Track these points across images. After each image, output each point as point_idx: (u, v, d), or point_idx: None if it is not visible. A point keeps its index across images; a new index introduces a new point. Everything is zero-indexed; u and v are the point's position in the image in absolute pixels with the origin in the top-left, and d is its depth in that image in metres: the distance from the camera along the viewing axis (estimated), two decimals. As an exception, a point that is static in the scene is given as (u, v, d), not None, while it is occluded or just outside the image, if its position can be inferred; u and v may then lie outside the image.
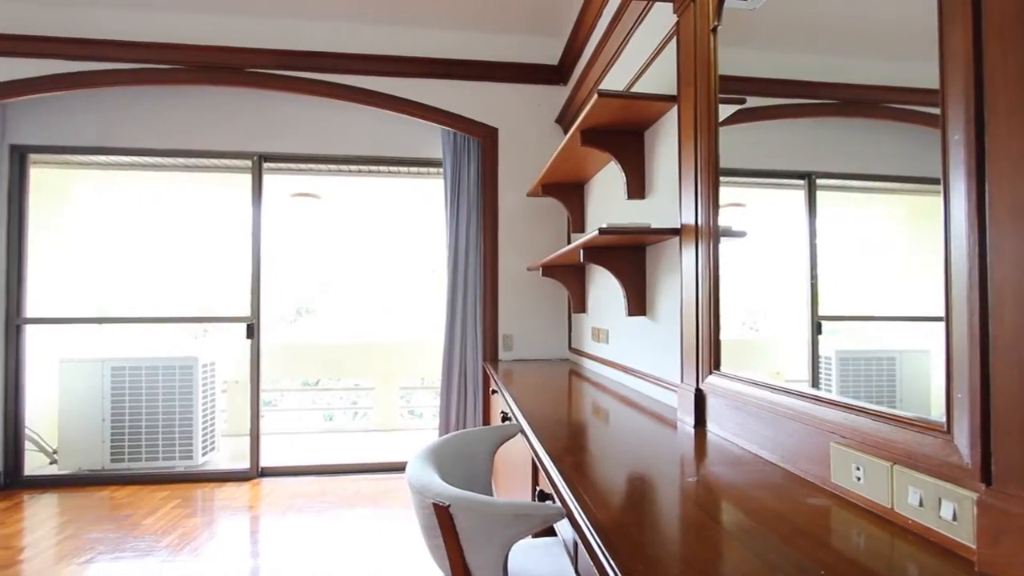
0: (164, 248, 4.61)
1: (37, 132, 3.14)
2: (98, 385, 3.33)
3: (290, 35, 2.99)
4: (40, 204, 3.28)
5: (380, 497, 2.98)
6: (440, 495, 0.80)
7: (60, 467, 3.32)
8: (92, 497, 3.00)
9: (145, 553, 2.32)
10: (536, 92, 3.20)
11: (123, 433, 3.35)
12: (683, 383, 1.45)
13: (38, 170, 3.26)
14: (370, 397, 5.49)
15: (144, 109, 3.20)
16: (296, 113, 3.28)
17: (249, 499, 2.97)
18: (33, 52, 2.85)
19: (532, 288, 3.18)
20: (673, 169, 1.61)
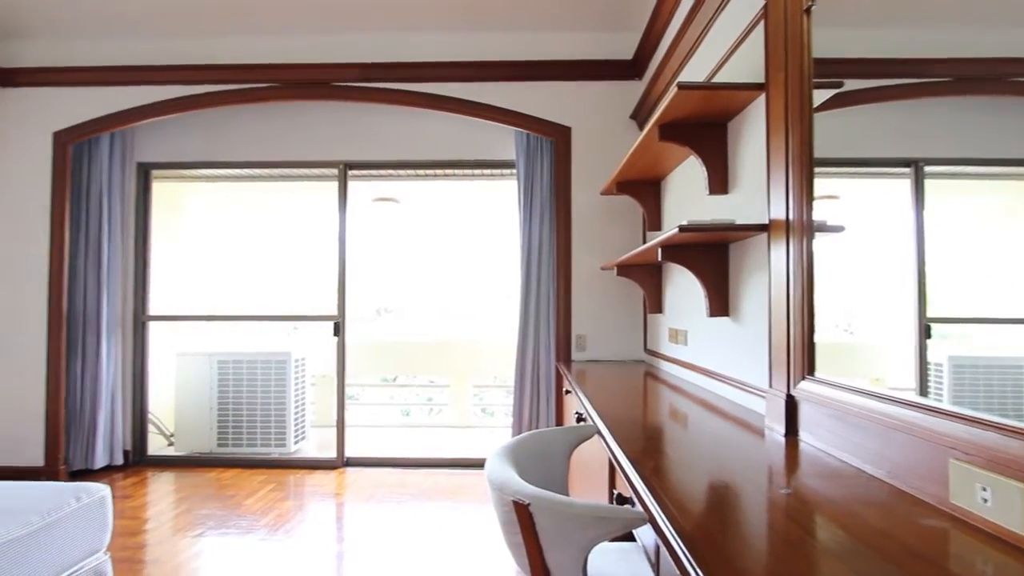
0: (262, 251, 5.02)
1: (157, 150, 3.53)
2: (207, 377, 3.69)
3: (372, 49, 3.15)
4: (158, 214, 3.69)
5: (456, 492, 3.05)
6: (519, 493, 0.81)
7: (176, 449, 3.71)
8: (202, 477, 3.32)
9: (247, 531, 2.53)
10: (609, 88, 3.15)
11: (227, 420, 3.68)
12: (771, 388, 1.36)
13: (158, 184, 3.66)
14: (444, 394, 5.66)
15: (244, 125, 3.50)
16: (378, 122, 3.45)
17: (335, 487, 3.16)
18: (156, 80, 3.21)
19: (606, 288, 3.13)
20: (760, 161, 1.52)
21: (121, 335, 3.43)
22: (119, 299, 3.41)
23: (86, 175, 3.34)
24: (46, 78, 3.26)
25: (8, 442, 3.21)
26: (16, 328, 3.24)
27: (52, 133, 3.25)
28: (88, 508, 1.60)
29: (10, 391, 3.22)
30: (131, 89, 3.24)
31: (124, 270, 3.46)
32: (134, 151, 3.50)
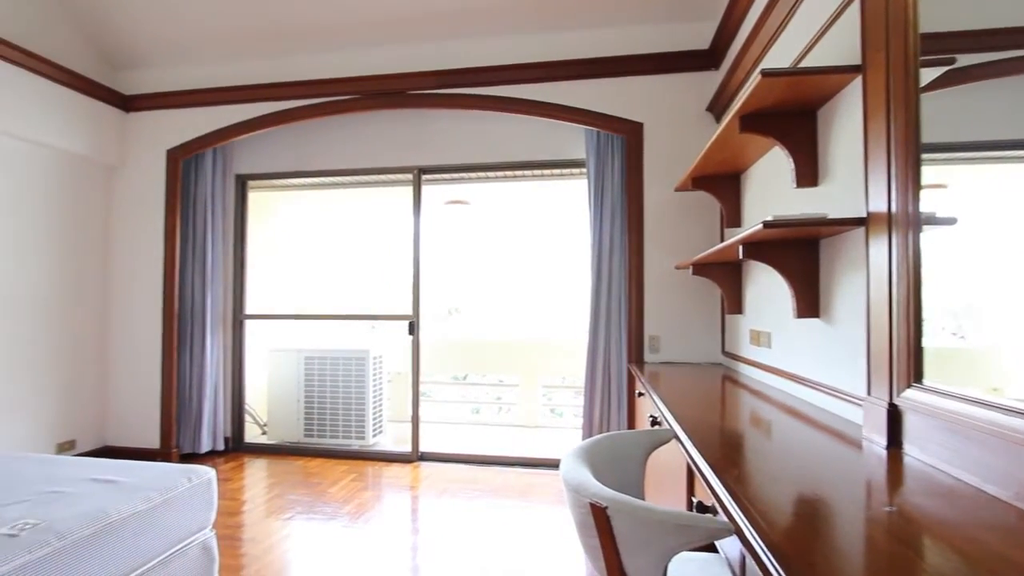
0: (344, 254, 5.32)
1: (252, 163, 3.84)
2: (295, 371, 3.97)
3: (445, 56, 3.24)
4: (253, 221, 4.01)
5: (527, 491, 3.07)
6: (597, 495, 0.80)
7: (268, 438, 4.01)
8: (291, 465, 3.57)
9: (331, 517, 2.69)
10: (684, 81, 3.03)
11: (313, 412, 3.93)
12: (871, 396, 1.25)
13: (253, 193, 3.98)
14: (513, 393, 5.71)
15: (328, 136, 3.72)
16: (450, 127, 3.54)
17: (411, 480, 3.28)
18: (252, 98, 3.50)
19: (680, 287, 3.02)
20: (855, 149, 1.40)
21: (222, 332, 3.77)
22: (221, 299, 3.75)
23: (193, 187, 3.70)
24: (160, 102, 3.64)
25: (132, 427, 3.62)
26: (138, 325, 3.64)
27: (166, 150, 3.63)
28: (197, 488, 1.77)
29: (134, 381, 3.63)
30: (230, 108, 3.55)
31: (225, 272, 3.80)
32: (233, 164, 3.83)
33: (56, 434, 3.33)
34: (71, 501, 1.51)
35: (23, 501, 1.50)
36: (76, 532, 1.36)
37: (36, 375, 3.21)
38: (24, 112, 3.03)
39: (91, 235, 3.57)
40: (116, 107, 3.62)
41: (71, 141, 3.31)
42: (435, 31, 3.18)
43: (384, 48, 3.31)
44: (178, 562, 1.69)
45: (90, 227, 3.56)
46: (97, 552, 1.40)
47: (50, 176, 3.28)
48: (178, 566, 1.69)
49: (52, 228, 3.30)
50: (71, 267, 3.42)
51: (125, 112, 3.69)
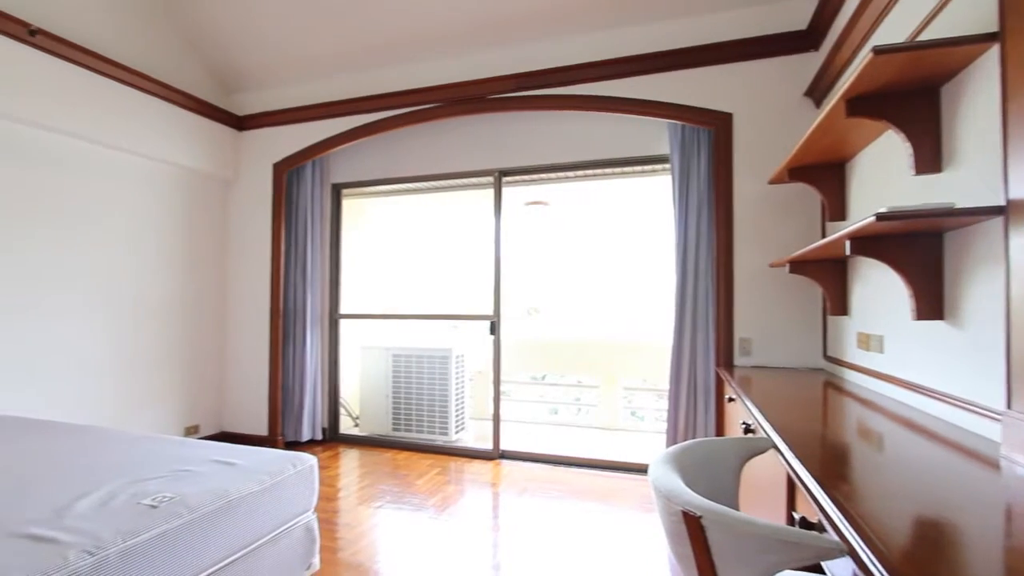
0: (429, 256, 5.54)
1: (346, 172, 4.10)
2: (384, 368, 4.19)
3: (522, 59, 3.28)
4: (346, 227, 4.28)
5: (608, 495, 3.02)
6: (690, 504, 0.77)
7: (360, 430, 4.27)
8: (381, 456, 3.77)
9: (418, 508, 2.81)
10: (778, 66, 2.84)
11: (400, 407, 4.13)
12: (1012, 411, 1.10)
13: (346, 201, 4.26)
14: (593, 395, 5.63)
15: (413, 143, 3.89)
16: (530, 128, 3.57)
17: (492, 477, 3.34)
18: (344, 112, 3.74)
19: (775, 286, 2.83)
20: (989, 129, 1.24)
21: (320, 330, 4.06)
22: (319, 299, 4.05)
23: (295, 196, 4.03)
24: (266, 120, 4.00)
25: (244, 415, 4.01)
26: (249, 323, 4.03)
27: (272, 164, 3.98)
28: (301, 474, 1.92)
29: (246, 374, 4.02)
30: (326, 122, 3.82)
31: (322, 275, 4.10)
32: (329, 174, 4.12)
33: (183, 419, 3.76)
34: (198, 479, 1.70)
35: (161, 477, 1.71)
36: (204, 507, 1.53)
37: (168, 369, 3.64)
38: (158, 135, 3.45)
39: (210, 243, 3.99)
40: (231, 127, 4.03)
41: (195, 159, 3.72)
42: (513, 35, 3.22)
43: (464, 56, 3.41)
44: (285, 541, 1.84)
45: (209, 236, 3.99)
46: (220, 525, 1.56)
47: (177, 191, 3.72)
48: (285, 544, 1.84)
49: (179, 237, 3.73)
50: (194, 272, 3.86)
51: (239, 131, 4.10)
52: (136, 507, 1.47)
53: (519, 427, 4.82)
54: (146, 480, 1.67)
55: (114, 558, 1.27)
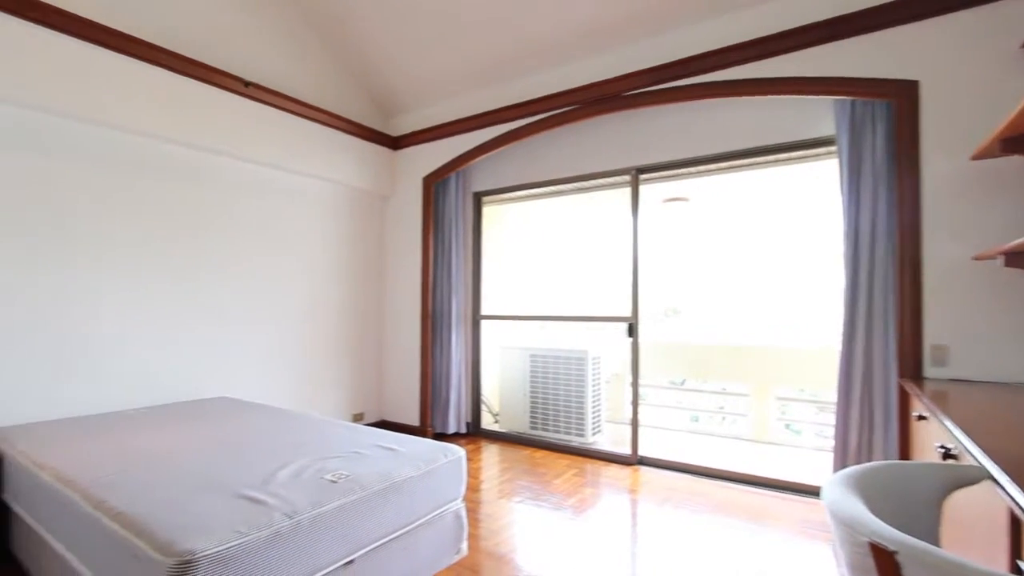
0: (564, 257, 5.60)
1: (485, 180, 4.33)
2: (522, 368, 4.32)
3: (657, 52, 3.16)
4: (486, 232, 4.51)
5: (759, 514, 2.76)
6: (881, 535, 0.67)
7: (500, 426, 4.45)
8: (519, 453, 3.89)
9: (556, 507, 2.84)
10: (978, 17, 2.35)
11: (537, 406, 4.22)
12: None
13: (486, 208, 4.49)
14: (740, 403, 5.19)
15: (549, 147, 3.96)
16: (667, 123, 3.43)
17: (630, 483, 3.25)
18: (484, 124, 3.95)
19: (981, 284, 2.34)
20: None
21: (464, 330, 4.33)
22: (462, 301, 4.33)
23: (441, 206, 4.35)
24: (416, 139, 4.38)
25: (399, 406, 4.43)
26: (403, 323, 4.45)
27: (421, 178, 4.36)
28: (452, 464, 2.06)
29: (400, 369, 4.44)
30: (468, 135, 4.07)
31: (465, 278, 4.37)
32: (470, 183, 4.38)
33: (351, 407, 4.27)
34: (367, 461, 1.92)
35: (338, 456, 1.96)
36: (373, 486, 1.72)
37: (340, 361, 4.18)
38: (328, 159, 3.98)
39: (370, 252, 4.49)
40: (388, 147, 4.50)
41: (358, 178, 4.22)
42: (644, 29, 3.13)
43: (597, 56, 3.39)
44: (438, 524, 2.00)
45: (370, 245, 4.48)
46: (386, 504, 1.75)
47: (343, 207, 4.25)
48: (438, 528, 2.00)
49: (345, 247, 4.25)
50: (357, 278, 4.37)
51: (394, 150, 4.55)
52: (320, 481, 1.71)
53: (657, 433, 4.63)
54: (327, 459, 1.93)
55: (306, 523, 1.49)
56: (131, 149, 2.96)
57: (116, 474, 1.74)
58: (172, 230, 3.14)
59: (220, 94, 3.26)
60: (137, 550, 1.31)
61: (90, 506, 1.53)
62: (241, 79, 3.34)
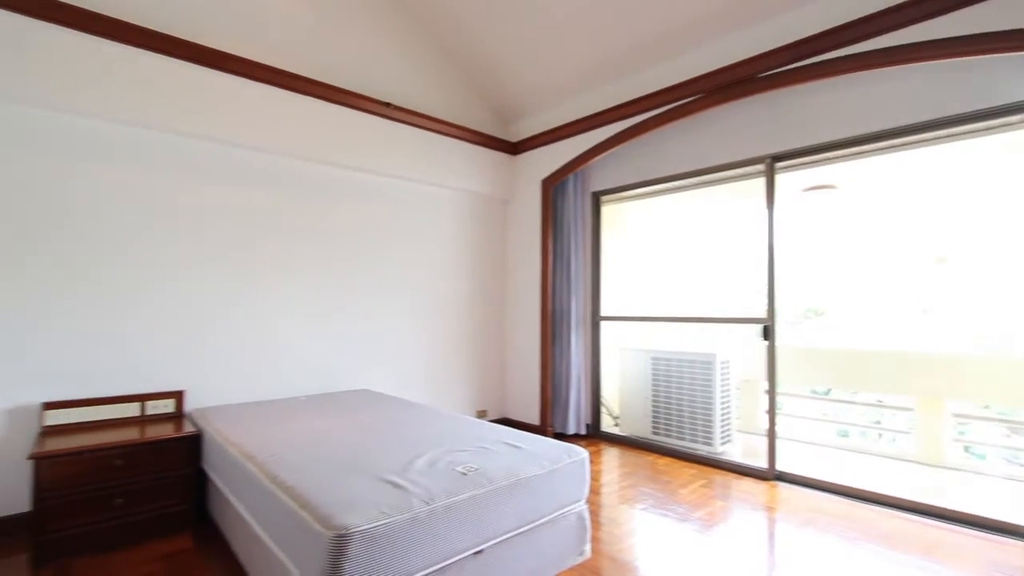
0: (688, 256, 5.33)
1: (604, 179, 4.28)
2: (643, 370, 4.19)
3: (797, 25, 2.86)
4: (605, 232, 4.45)
5: (932, 549, 2.38)
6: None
7: (620, 429, 4.36)
8: (641, 458, 3.78)
9: (682, 518, 2.71)
10: None
11: (659, 411, 4.07)
12: None
13: (605, 207, 4.43)
14: (903, 419, 4.51)
15: (670, 142, 3.81)
16: (807, 103, 3.11)
17: (766, 499, 3.00)
18: (602, 122, 3.91)
19: None
20: None
21: (583, 331, 4.32)
22: (582, 302, 4.32)
23: (559, 208, 4.39)
24: (535, 143, 4.47)
25: (520, 405, 4.55)
26: (523, 323, 4.56)
27: (540, 181, 4.43)
28: (575, 465, 2.07)
29: (521, 368, 4.56)
30: (586, 135, 4.06)
31: (584, 279, 4.36)
32: (588, 183, 4.36)
33: (475, 404, 4.48)
34: (494, 457, 2.00)
35: (467, 450, 2.07)
36: (500, 481, 1.80)
37: (465, 360, 4.40)
38: (457, 169, 4.21)
39: (492, 254, 4.67)
40: (508, 153, 4.64)
41: (481, 184, 4.41)
42: (779, 4, 2.85)
43: (723, 39, 3.17)
44: (562, 524, 2.02)
45: (491, 248, 4.66)
46: (512, 500, 1.81)
47: (467, 212, 4.47)
48: (562, 528, 2.02)
49: (469, 250, 4.47)
50: (481, 279, 4.56)
51: (513, 156, 4.69)
52: (452, 473, 1.82)
53: (798, 447, 4.20)
54: (457, 451, 2.05)
55: (440, 510, 1.60)
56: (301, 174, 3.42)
57: (285, 452, 2.02)
58: (327, 243, 3.56)
59: (366, 117, 3.64)
60: (304, 522, 1.50)
61: (266, 479, 1.79)
62: (382, 101, 3.68)
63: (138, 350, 2.79)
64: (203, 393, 3.01)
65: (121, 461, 2.33)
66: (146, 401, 2.79)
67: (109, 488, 2.30)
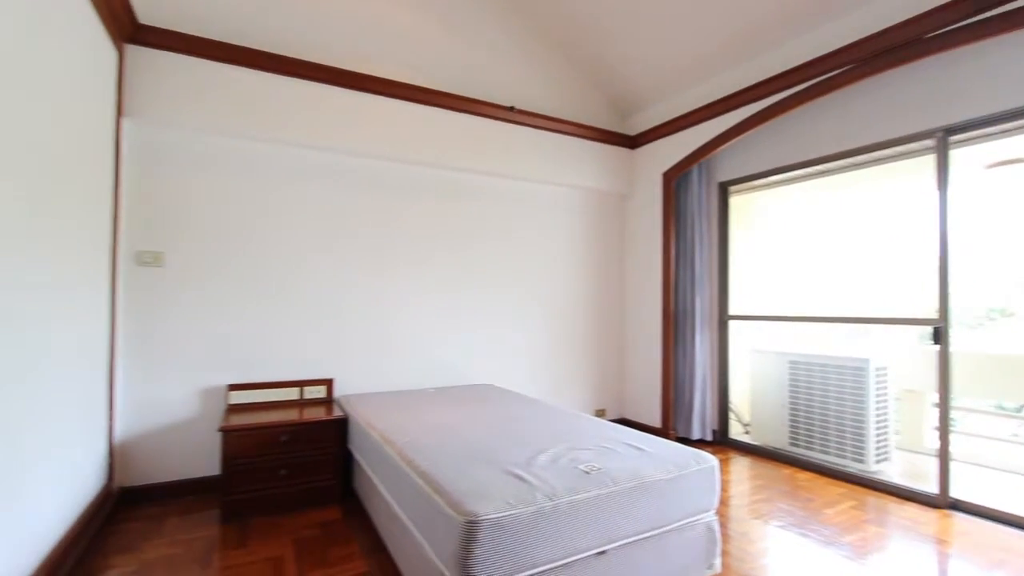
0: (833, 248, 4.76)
1: (732, 168, 3.98)
2: (778, 375, 3.83)
3: (982, -29, 2.41)
4: (733, 224, 4.14)
5: None
6: None
7: (752, 438, 4.04)
8: (777, 471, 3.46)
9: (828, 542, 2.43)
10: None
11: (799, 421, 3.68)
12: None
13: (733, 198, 4.12)
14: None
15: (808, 123, 3.43)
16: (991, 64, 2.61)
17: (936, 530, 2.58)
18: (728, 108, 3.64)
19: None
20: None
21: (709, 331, 4.07)
22: (707, 300, 4.07)
23: (682, 201, 4.18)
24: (654, 135, 4.30)
25: (639, 405, 4.42)
26: (643, 322, 4.42)
27: (661, 173, 4.25)
28: (703, 473, 1.96)
29: (641, 368, 4.43)
30: (711, 123, 3.81)
31: (710, 275, 4.10)
32: (714, 173, 4.09)
33: (593, 402, 4.44)
34: (616, 457, 1.97)
35: (589, 449, 2.06)
36: (624, 482, 1.76)
37: (583, 358, 4.39)
38: (576, 167, 4.20)
39: (609, 251, 4.58)
40: (626, 147, 4.53)
41: (598, 181, 4.35)
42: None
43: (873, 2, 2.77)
44: (689, 534, 1.92)
45: (609, 245, 4.58)
46: (635, 503, 1.77)
47: (584, 210, 4.44)
48: (689, 537, 1.92)
49: (586, 248, 4.44)
50: (598, 277, 4.51)
51: (632, 150, 4.56)
52: (574, 470, 1.82)
53: (979, 472, 3.55)
54: (579, 450, 2.05)
55: (564, 507, 1.61)
56: (429, 180, 3.69)
57: (418, 439, 2.18)
58: (453, 245, 3.77)
59: (489, 123, 3.80)
60: (437, 506, 1.61)
61: (403, 463, 1.95)
62: (505, 106, 3.81)
63: (297, 343, 3.20)
64: (347, 382, 3.35)
65: (286, 437, 2.69)
66: (304, 387, 3.18)
67: (276, 460, 2.67)
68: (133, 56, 2.70)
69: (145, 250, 2.82)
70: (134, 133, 2.79)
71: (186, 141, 2.93)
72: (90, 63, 2.25)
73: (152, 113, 2.74)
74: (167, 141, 2.88)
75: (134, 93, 2.69)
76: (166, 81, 2.77)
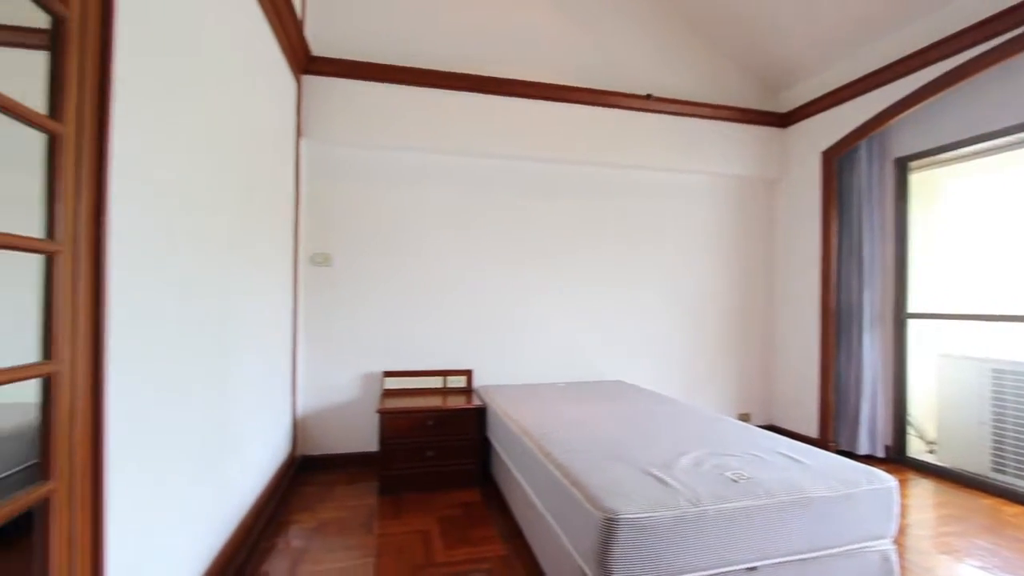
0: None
1: (911, 141, 3.40)
2: (976, 386, 3.19)
3: None
4: (913, 206, 3.53)
5: None
6: None
7: (938, 458, 3.42)
8: (973, 501, 2.90)
9: (1054, 594, 1.98)
10: None
11: (1005, 443, 3.04)
12: None
13: (913, 176, 3.52)
14: None
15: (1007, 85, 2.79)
16: None
17: None
18: (905, 72, 3.10)
19: None
20: None
21: (881, 331, 3.54)
22: (879, 295, 3.54)
23: (845, 182, 3.68)
24: (809, 110, 3.84)
25: (791, 411, 4.01)
26: (796, 319, 3.99)
27: (820, 153, 3.78)
28: (877, 494, 1.71)
29: (793, 370, 4.01)
30: (882, 91, 3.29)
31: (883, 267, 3.56)
32: (890, 149, 3.54)
33: (736, 406, 4.12)
34: (769, 467, 1.81)
35: (735, 455, 1.92)
36: (778, 495, 1.61)
37: (723, 357, 4.10)
38: (712, 152, 3.93)
39: (756, 243, 4.20)
40: (776, 127, 4.11)
41: (742, 166, 4.01)
42: None
43: None
44: (859, 561, 1.70)
45: (755, 236, 4.20)
46: (791, 519, 1.61)
47: (726, 198, 4.12)
48: (860, 566, 1.70)
49: (729, 239, 4.12)
50: (743, 271, 4.16)
51: (783, 128, 4.13)
52: (720, 477, 1.71)
53: None
54: (724, 455, 1.92)
55: (711, 514, 1.53)
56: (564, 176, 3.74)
57: (554, 432, 2.22)
58: (588, 241, 3.77)
59: (625, 114, 3.73)
60: (575, 500, 1.62)
61: (541, 455, 2.00)
62: (641, 95, 3.70)
63: (441, 335, 3.46)
64: (485, 373, 3.53)
65: (432, 422, 2.92)
66: (447, 376, 3.43)
67: (423, 442, 2.91)
68: (308, 84, 3.13)
69: (317, 252, 3.25)
70: (308, 150, 3.24)
71: (347, 154, 3.31)
72: (282, 95, 2.67)
73: (323, 133, 3.15)
74: (332, 155, 3.29)
75: (309, 116, 3.12)
76: (335, 104, 3.16)
